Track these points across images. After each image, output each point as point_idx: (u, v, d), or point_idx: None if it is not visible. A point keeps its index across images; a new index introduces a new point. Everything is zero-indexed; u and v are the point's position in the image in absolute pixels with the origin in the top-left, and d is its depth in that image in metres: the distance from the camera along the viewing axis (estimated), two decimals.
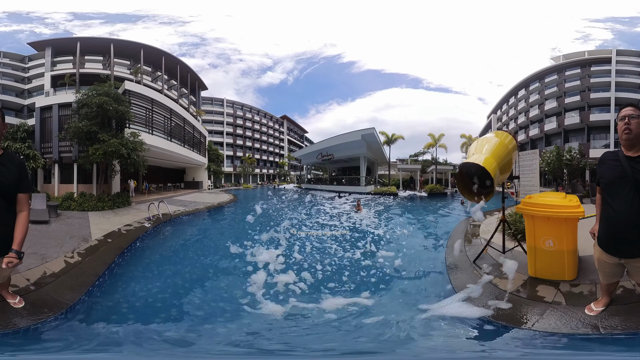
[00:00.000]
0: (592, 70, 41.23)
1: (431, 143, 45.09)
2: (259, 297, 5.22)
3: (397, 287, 5.94)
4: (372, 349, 3.78)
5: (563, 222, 4.54)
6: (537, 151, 10.12)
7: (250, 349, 3.76)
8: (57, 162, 19.74)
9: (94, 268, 6.46)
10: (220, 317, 4.59)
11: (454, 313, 4.24)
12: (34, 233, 9.23)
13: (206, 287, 6.05)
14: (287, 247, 8.82)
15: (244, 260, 7.45)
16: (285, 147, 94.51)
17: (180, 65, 37.82)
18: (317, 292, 5.61)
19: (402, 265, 7.03)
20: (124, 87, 22.11)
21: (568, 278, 4.61)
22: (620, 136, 3.13)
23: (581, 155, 28.72)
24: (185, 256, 8.74)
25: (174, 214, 14.21)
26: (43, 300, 4.53)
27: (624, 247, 3.14)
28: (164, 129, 26.78)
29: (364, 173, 41.12)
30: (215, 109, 73.49)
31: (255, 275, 6.21)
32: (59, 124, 19.75)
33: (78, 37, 30.51)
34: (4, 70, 37.93)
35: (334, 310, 4.71)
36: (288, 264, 7.23)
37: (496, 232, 6.43)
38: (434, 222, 15.20)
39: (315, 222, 13.39)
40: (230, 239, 9.40)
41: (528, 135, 48.96)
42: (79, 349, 3.46)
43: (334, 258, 7.89)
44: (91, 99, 16.08)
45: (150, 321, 4.40)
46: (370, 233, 11.22)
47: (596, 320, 3.56)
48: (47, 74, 29.25)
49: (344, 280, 6.28)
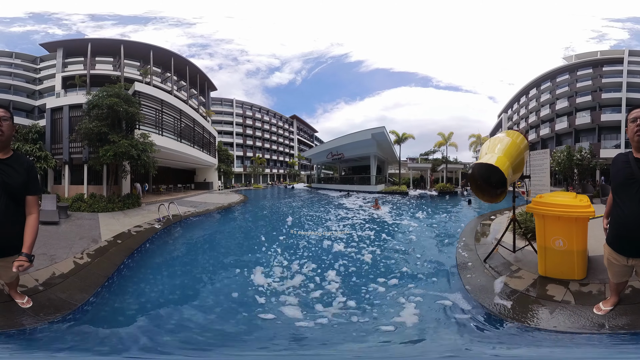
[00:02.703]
0: (603, 70, 41.33)
1: (441, 142, 44.96)
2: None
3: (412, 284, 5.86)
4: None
5: (573, 222, 4.56)
6: (548, 151, 10.12)
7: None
8: (68, 163, 19.78)
9: (103, 269, 6.39)
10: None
11: (463, 308, 4.41)
12: (44, 234, 9.22)
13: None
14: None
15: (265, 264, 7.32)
16: (295, 146, 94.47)
17: (189, 66, 37.91)
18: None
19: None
20: (134, 88, 22.14)
21: (578, 277, 4.64)
22: (632, 138, 3.16)
23: (592, 156, 28.39)
24: (198, 257, 8.60)
25: (184, 215, 14.09)
26: (51, 300, 4.49)
27: (632, 246, 3.19)
28: (173, 130, 26.76)
29: (375, 172, 41.16)
30: (225, 109, 73.76)
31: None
32: (69, 125, 19.80)
33: (89, 39, 30.67)
34: (15, 71, 38.47)
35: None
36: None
37: (506, 231, 6.46)
38: (449, 221, 15.03)
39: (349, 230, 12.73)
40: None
41: (539, 135, 49.21)
42: (85, 351, 3.42)
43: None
44: (102, 100, 16.05)
45: (159, 323, 4.29)
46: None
47: (604, 320, 3.58)
48: (58, 75, 29.47)
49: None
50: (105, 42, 30.70)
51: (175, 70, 35.64)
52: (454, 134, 44.77)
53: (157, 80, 33.88)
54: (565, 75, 46.41)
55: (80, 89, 26.17)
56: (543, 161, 9.42)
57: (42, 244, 7.92)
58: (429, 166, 47.48)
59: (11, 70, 38.38)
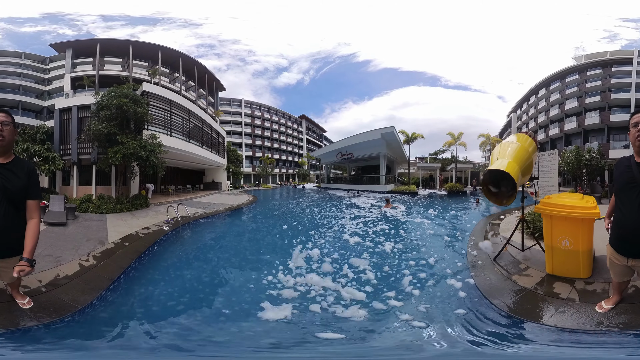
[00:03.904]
0: (613, 70, 41.71)
1: (451, 141, 45.12)
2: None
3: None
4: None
5: (580, 223, 4.73)
6: (557, 152, 10.70)
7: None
8: (76, 164, 19.70)
9: (109, 272, 6.22)
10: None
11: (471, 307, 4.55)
12: (51, 235, 9.14)
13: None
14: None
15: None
16: (304, 146, 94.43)
17: (197, 66, 37.83)
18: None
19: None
20: (143, 88, 22.01)
21: (583, 276, 4.80)
22: (633, 143, 3.19)
23: (600, 156, 28.42)
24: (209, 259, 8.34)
25: (193, 216, 13.86)
26: (52, 302, 4.46)
27: (632, 248, 3.27)
28: (182, 130, 26.59)
29: (384, 172, 41.14)
30: (234, 109, 73.97)
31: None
32: (78, 126, 19.71)
33: (98, 39, 30.68)
34: (25, 72, 38.71)
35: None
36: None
37: (515, 231, 6.67)
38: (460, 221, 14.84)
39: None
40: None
41: (548, 135, 49.55)
42: (81, 352, 3.44)
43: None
44: (110, 101, 15.91)
45: (164, 328, 4.11)
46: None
47: (603, 318, 3.68)
48: (67, 75, 29.55)
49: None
50: (114, 43, 30.71)
51: (184, 71, 35.59)
52: (464, 133, 44.77)
53: (166, 81, 33.84)
54: (575, 76, 46.76)
55: (88, 90, 26.15)
56: (551, 162, 9.77)
57: (48, 245, 7.90)
58: (438, 166, 47.65)
59: (20, 71, 38.65)
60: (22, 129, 18.52)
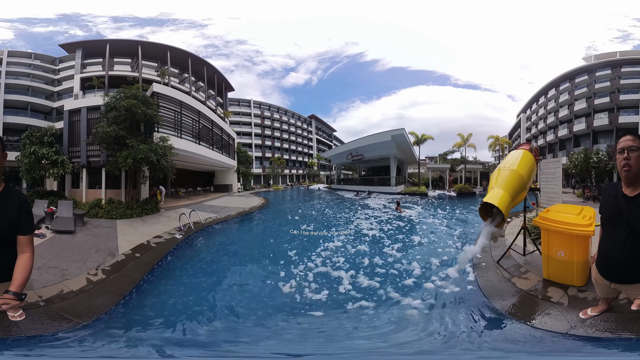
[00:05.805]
0: (622, 71, 41.49)
1: (460, 143, 45.20)
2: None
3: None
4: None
5: (574, 238, 4.88)
6: (560, 160, 10.70)
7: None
8: (85, 167, 19.31)
9: (119, 287, 5.82)
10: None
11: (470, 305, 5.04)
12: (58, 244, 8.73)
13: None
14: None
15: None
16: (314, 146, 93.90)
17: (206, 66, 37.41)
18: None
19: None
20: (152, 89, 21.61)
21: (577, 284, 4.94)
22: (620, 172, 2.96)
23: (609, 158, 28.18)
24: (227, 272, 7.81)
25: (205, 222, 13.30)
26: (50, 316, 4.30)
27: (614, 275, 3.20)
28: (192, 132, 26.15)
29: (394, 173, 41.03)
30: (243, 110, 73.68)
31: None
32: (87, 128, 19.31)
33: (108, 39, 30.33)
34: (34, 72, 38.59)
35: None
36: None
37: (518, 236, 7.01)
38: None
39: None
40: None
41: (557, 136, 49.24)
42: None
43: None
44: (119, 102, 15.50)
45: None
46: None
47: (580, 323, 3.73)
48: (77, 76, 29.31)
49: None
50: (123, 43, 30.38)
51: (193, 71, 35.19)
52: (473, 132, 44.96)
53: (175, 81, 33.47)
54: (584, 76, 46.36)
55: (98, 90, 25.81)
56: (555, 170, 9.77)
57: (54, 255, 7.55)
58: (447, 166, 47.68)
59: (30, 72, 38.48)
60: (29, 131, 18.12)
